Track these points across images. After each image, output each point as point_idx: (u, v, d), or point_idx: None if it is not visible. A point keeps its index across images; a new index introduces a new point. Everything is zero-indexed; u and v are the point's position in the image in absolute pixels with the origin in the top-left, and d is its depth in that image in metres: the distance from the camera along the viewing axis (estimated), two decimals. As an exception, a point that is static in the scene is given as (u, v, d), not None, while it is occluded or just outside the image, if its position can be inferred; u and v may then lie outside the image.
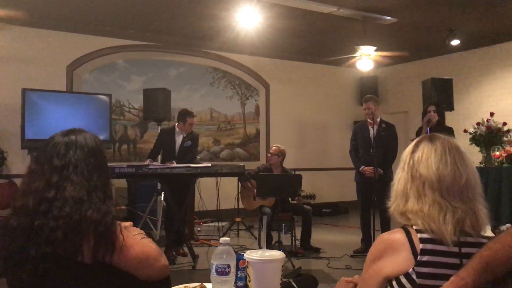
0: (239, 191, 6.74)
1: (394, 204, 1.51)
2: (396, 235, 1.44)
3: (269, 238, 5.92)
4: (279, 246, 5.30)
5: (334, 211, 9.56)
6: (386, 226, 5.57)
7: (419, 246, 1.38)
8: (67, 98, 7.21)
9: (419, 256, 1.37)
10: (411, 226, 1.44)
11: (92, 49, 7.97)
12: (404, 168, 1.51)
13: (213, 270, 1.24)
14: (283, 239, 5.52)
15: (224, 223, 7.40)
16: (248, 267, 1.24)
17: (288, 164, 6.81)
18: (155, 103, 6.99)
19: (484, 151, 6.59)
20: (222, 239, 1.27)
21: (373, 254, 1.47)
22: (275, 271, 1.22)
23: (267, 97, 9.87)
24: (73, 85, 7.82)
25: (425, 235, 1.39)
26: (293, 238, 6.04)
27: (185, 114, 5.96)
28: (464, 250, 1.39)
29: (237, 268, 1.41)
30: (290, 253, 5.56)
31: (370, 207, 5.78)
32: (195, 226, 7.29)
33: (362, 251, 5.79)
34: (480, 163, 6.68)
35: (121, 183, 7.11)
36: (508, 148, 6.83)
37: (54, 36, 7.65)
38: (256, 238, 6.60)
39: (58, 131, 1.68)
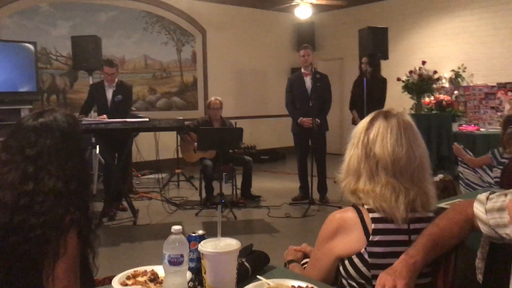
0: (179, 144, 6.63)
1: (345, 181, 1.50)
2: (348, 214, 1.44)
3: (210, 189, 5.95)
4: (220, 198, 5.35)
5: (272, 158, 9.74)
6: (322, 173, 5.91)
7: (371, 226, 1.40)
8: (-15, 45, 6.61)
9: (371, 236, 1.40)
10: (362, 205, 1.45)
11: (10, -10, 7.28)
12: (358, 146, 1.48)
13: (166, 261, 1.20)
14: (224, 188, 5.56)
15: (163, 175, 7.30)
16: (202, 259, 1.21)
17: (226, 112, 6.75)
18: (85, 51, 6.56)
19: (415, 98, 6.87)
20: (174, 228, 1.22)
21: (325, 233, 1.47)
22: (231, 262, 1.20)
23: (204, 43, 9.57)
24: (-9, 30, 7.17)
25: (376, 215, 1.41)
26: (234, 188, 6.10)
27: (102, 63, 5.66)
28: (412, 226, 1.42)
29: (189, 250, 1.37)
30: (232, 203, 5.63)
31: (307, 156, 5.92)
32: (134, 179, 7.15)
33: (300, 199, 6.00)
34: (411, 109, 6.99)
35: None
36: (437, 95, 7.17)
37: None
38: (196, 189, 6.60)
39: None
